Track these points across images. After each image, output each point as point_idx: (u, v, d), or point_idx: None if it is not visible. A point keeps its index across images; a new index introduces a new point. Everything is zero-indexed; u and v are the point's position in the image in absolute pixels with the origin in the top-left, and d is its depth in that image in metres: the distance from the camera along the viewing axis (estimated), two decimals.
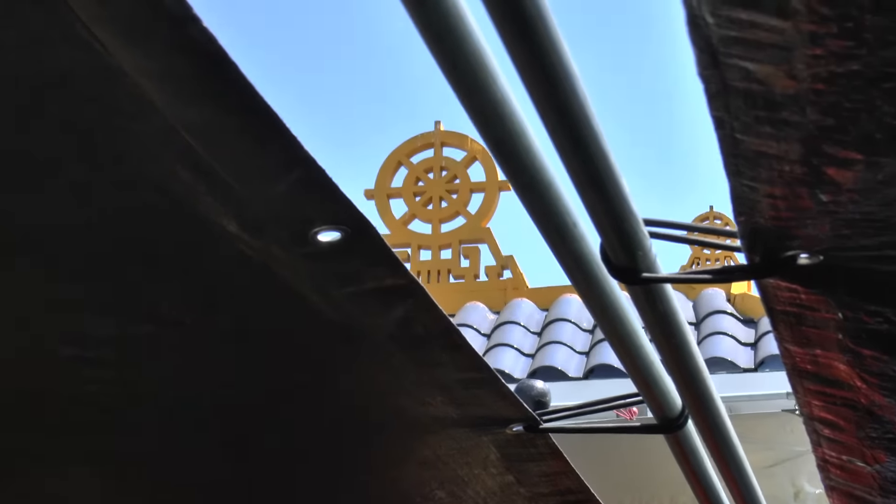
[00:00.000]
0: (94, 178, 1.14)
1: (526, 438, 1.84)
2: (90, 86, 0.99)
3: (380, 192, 8.42)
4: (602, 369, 6.60)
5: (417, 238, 8.29)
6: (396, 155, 8.53)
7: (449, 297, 7.80)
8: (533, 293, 7.91)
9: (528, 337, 7.27)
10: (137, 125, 1.03)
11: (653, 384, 1.59)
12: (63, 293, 1.36)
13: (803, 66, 0.81)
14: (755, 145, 0.93)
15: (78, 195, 1.17)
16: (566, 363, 6.76)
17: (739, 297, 7.41)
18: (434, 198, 8.37)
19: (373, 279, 1.29)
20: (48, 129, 1.06)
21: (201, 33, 0.89)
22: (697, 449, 1.84)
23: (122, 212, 1.20)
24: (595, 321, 1.38)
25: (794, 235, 1.09)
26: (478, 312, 7.67)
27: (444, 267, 8.18)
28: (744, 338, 6.91)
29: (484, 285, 8.04)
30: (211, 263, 1.30)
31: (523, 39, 0.88)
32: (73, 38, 0.91)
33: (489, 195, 8.29)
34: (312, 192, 1.12)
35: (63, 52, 0.94)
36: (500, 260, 8.14)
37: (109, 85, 0.97)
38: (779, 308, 1.29)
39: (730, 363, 6.49)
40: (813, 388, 1.52)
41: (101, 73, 0.96)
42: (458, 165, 8.39)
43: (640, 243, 1.17)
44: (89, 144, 1.08)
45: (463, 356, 1.51)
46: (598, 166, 1.03)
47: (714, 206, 13.07)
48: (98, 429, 1.77)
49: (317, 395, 1.70)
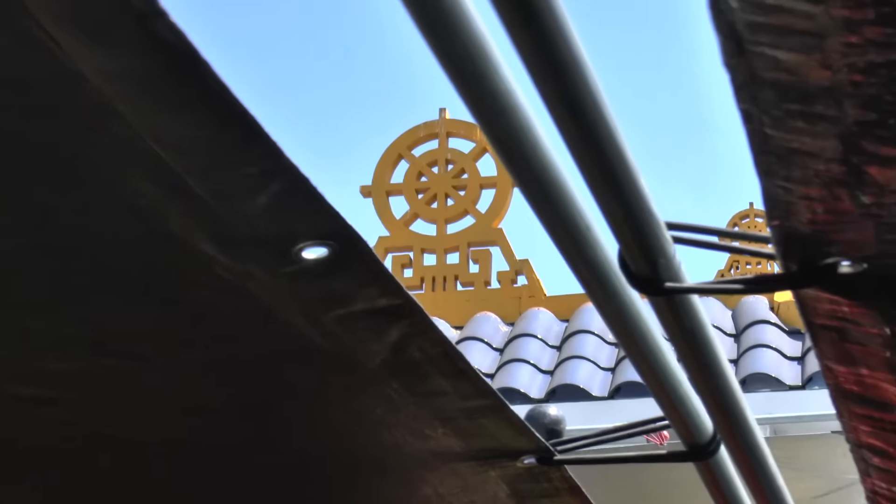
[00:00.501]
0: (50, 197, 1.13)
1: (539, 472, 1.84)
2: (46, 94, 0.98)
3: (378, 189, 8.43)
4: (630, 387, 6.59)
5: (420, 240, 8.30)
6: (396, 147, 8.53)
7: (456, 306, 7.81)
8: (551, 302, 7.91)
9: (545, 351, 7.27)
10: (99, 136, 1.03)
11: (680, 406, 1.60)
12: (16, 325, 1.37)
13: (838, 55, 0.82)
14: (787, 141, 0.94)
15: (33, 217, 1.16)
16: (589, 381, 6.76)
17: (784, 306, 7.40)
18: (439, 195, 8.38)
19: (364, 299, 1.29)
20: None
21: (170, 30, 0.89)
22: (731, 478, 1.84)
23: (83, 234, 1.20)
24: (614, 337, 1.38)
25: (834, 241, 1.10)
26: (489, 324, 7.68)
27: (450, 273, 8.19)
28: (790, 351, 6.91)
29: (496, 293, 8.05)
30: (184, 289, 1.30)
31: (528, 24, 0.88)
32: (25, 40, 0.90)
33: (501, 192, 8.29)
34: (296, 205, 1.12)
35: (14, 56, 0.93)
36: (513, 264, 8.15)
37: (67, 92, 0.97)
38: (819, 322, 1.30)
39: (774, 379, 6.49)
40: (859, 411, 1.53)
41: (58, 79, 0.95)
42: (465, 158, 8.40)
43: (662, 250, 1.17)
44: (45, 160, 1.07)
45: (466, 382, 1.52)
46: (613, 163, 1.04)
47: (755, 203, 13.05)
48: (58, 475, 1.78)
49: (303, 432, 1.71)
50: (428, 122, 8.52)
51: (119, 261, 1.24)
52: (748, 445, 1.69)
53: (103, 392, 1.53)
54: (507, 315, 7.83)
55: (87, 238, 1.20)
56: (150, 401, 1.56)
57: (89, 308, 1.34)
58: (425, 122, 8.53)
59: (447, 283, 8.16)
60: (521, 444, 1.76)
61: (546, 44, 0.90)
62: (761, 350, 6.81)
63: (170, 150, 1.04)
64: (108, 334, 1.40)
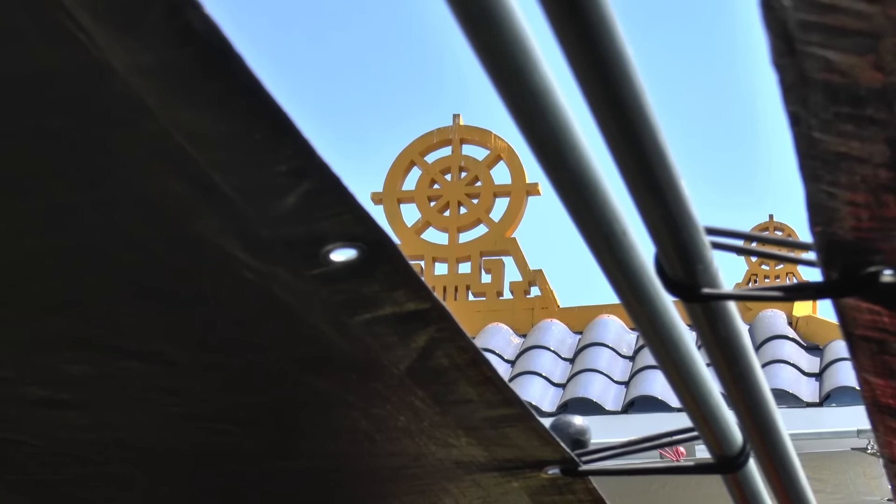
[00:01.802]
0: (74, 195, 1.12)
1: (562, 483, 1.83)
2: (73, 87, 0.97)
3: (389, 196, 8.43)
4: (644, 402, 6.60)
5: (432, 249, 8.30)
6: (409, 153, 8.54)
7: (468, 316, 7.81)
8: (564, 314, 7.91)
9: (558, 364, 7.27)
10: (126, 131, 1.02)
11: (710, 417, 1.59)
12: (33, 327, 1.37)
13: (892, 56, 0.82)
14: (835, 145, 0.94)
15: (55, 215, 1.16)
16: (602, 395, 6.76)
17: (803, 321, 7.40)
18: (451, 203, 8.38)
19: (392, 303, 1.28)
20: (21, 141, 1.05)
21: (202, 21, 0.88)
22: (759, 491, 1.84)
23: (105, 234, 1.19)
24: (644, 343, 1.38)
25: (878, 249, 1.09)
26: (501, 335, 7.68)
27: (462, 282, 8.19)
28: (807, 367, 6.90)
29: (508, 304, 8.05)
30: (206, 290, 1.29)
31: (573, 19, 0.88)
32: (55, 31, 0.89)
33: (515, 200, 8.29)
34: (325, 205, 1.11)
35: (42, 48, 0.92)
36: (526, 275, 8.14)
37: (95, 85, 0.95)
38: (858, 333, 1.29)
39: (791, 396, 6.48)
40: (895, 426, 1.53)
41: (87, 72, 0.94)
42: (479, 166, 8.40)
43: (700, 255, 1.17)
44: (70, 156, 1.07)
45: (493, 390, 1.51)
46: (655, 166, 1.03)
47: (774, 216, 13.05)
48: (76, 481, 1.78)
49: (324, 438, 1.71)
50: (441, 129, 8.53)
51: (141, 261, 1.24)
52: (779, 458, 1.68)
53: (121, 396, 1.53)
54: (520, 326, 7.83)
55: (109, 237, 1.19)
56: (169, 405, 1.56)
57: (109, 310, 1.33)
58: (439, 129, 8.53)
59: (458, 293, 8.16)
60: (546, 454, 1.75)
61: (591, 38, 0.89)
62: (779, 366, 6.81)
63: (198, 147, 1.03)
64: (128, 337, 1.39)
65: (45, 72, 0.95)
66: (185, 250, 1.21)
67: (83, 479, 1.79)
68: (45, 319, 1.35)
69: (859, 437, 5.62)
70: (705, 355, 1.43)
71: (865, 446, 5.55)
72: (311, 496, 1.93)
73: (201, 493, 1.91)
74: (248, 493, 1.91)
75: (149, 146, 1.03)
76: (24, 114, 1.01)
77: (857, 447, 5.68)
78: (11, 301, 1.31)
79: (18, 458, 1.71)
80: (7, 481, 1.80)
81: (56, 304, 1.32)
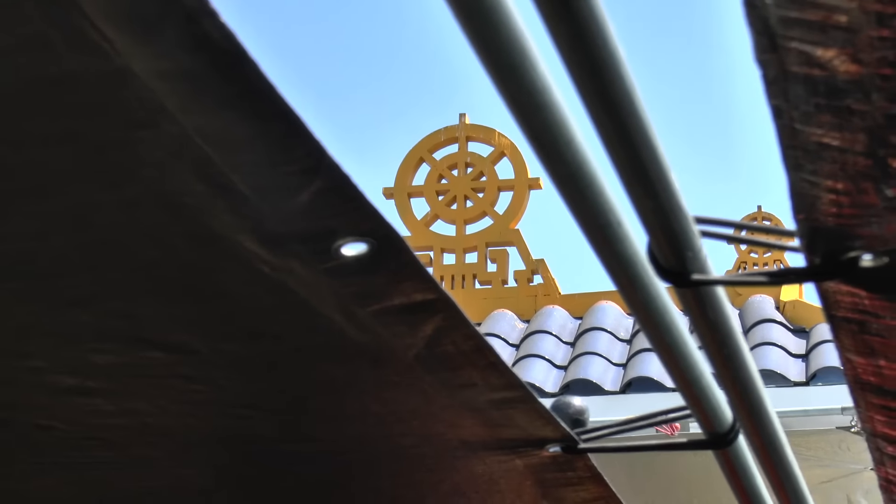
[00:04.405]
0: (98, 195, 1.12)
1: (563, 461, 1.83)
2: (97, 91, 0.96)
3: (400, 191, 8.43)
4: (641, 382, 6.59)
5: (440, 240, 8.30)
6: (418, 150, 8.54)
7: (475, 304, 7.81)
8: (565, 300, 7.91)
9: (560, 347, 7.27)
10: (147, 133, 1.01)
11: (702, 396, 1.58)
12: (62, 319, 1.36)
13: (869, 49, 0.81)
14: (816, 136, 0.93)
15: (80, 214, 1.15)
16: (602, 376, 6.75)
17: (790, 305, 7.39)
18: (458, 197, 8.37)
19: (400, 294, 1.28)
20: (49, 143, 1.04)
21: (218, 29, 0.88)
22: (749, 465, 1.83)
23: (127, 231, 1.18)
24: (640, 327, 1.38)
25: (858, 235, 1.08)
26: (506, 321, 7.67)
27: (469, 272, 8.19)
28: (794, 349, 6.89)
29: (512, 291, 8.04)
30: (225, 284, 1.28)
31: (567, 19, 0.87)
32: (79, 38, 0.89)
33: (518, 194, 8.28)
34: (336, 202, 1.10)
35: (68, 54, 0.92)
36: (529, 264, 8.14)
37: (118, 89, 0.95)
38: (840, 314, 1.28)
39: (779, 376, 6.48)
40: (876, 401, 1.52)
41: (110, 77, 0.93)
42: (484, 162, 8.40)
43: (690, 243, 1.16)
44: (94, 157, 1.06)
45: (496, 374, 1.50)
46: (646, 159, 1.03)
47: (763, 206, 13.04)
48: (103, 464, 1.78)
49: (339, 421, 1.70)
50: (448, 127, 8.53)
51: (162, 256, 1.23)
52: (767, 434, 1.68)
53: (145, 383, 1.52)
54: (523, 312, 7.83)
55: (132, 234, 1.19)
56: (191, 392, 1.56)
57: (132, 302, 1.33)
58: (446, 127, 8.54)
59: (466, 282, 8.16)
60: (547, 433, 1.74)
61: (584, 37, 0.89)
62: (767, 348, 6.80)
63: (215, 148, 1.03)
64: (151, 328, 1.39)
65: (70, 77, 0.95)
66: (204, 246, 1.20)
67: (110, 462, 1.79)
68: (72, 312, 1.35)
69: (843, 415, 5.61)
70: (697, 338, 1.42)
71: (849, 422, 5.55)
72: (326, 476, 1.92)
73: (222, 475, 1.91)
74: (266, 474, 1.90)
75: (168, 147, 1.03)
76: (50, 117, 1.01)
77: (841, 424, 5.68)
78: (41, 296, 1.31)
79: (51, 443, 1.70)
80: (41, 464, 1.79)
81: (82, 298, 1.31)
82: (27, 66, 0.94)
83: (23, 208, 1.14)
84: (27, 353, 1.44)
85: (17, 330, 1.38)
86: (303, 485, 1.96)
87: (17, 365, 1.47)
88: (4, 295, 1.30)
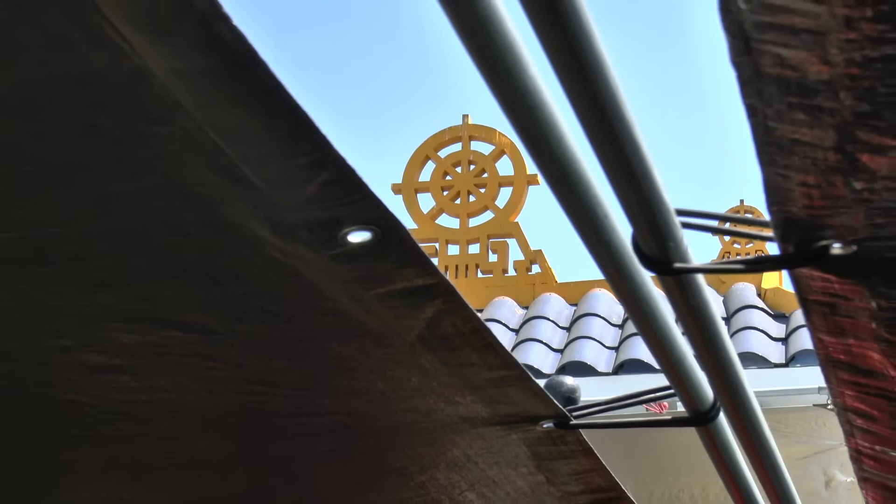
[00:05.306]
0: (118, 185, 1.12)
1: (556, 435, 1.83)
2: (116, 88, 0.97)
3: (407, 187, 8.43)
4: (632, 364, 6.58)
5: (445, 232, 8.29)
6: (424, 149, 8.53)
7: (477, 291, 7.80)
8: (562, 288, 7.90)
9: (556, 332, 7.26)
10: (164, 128, 1.01)
11: (684, 377, 1.58)
12: (87, 301, 1.36)
13: (837, 50, 0.80)
14: (788, 133, 0.93)
15: (102, 203, 1.15)
16: (596, 358, 6.74)
17: (770, 292, 7.38)
18: (462, 192, 8.36)
19: (403, 279, 1.28)
20: (73, 136, 1.05)
21: (230, 31, 0.88)
22: (729, 441, 1.83)
23: (147, 219, 1.19)
24: (627, 313, 1.37)
25: (828, 225, 1.08)
26: (506, 307, 7.67)
27: (472, 262, 8.18)
28: (775, 333, 6.88)
29: (512, 280, 8.04)
30: (239, 268, 1.29)
31: (555, 26, 0.87)
32: (99, 39, 0.89)
33: (517, 189, 8.28)
34: (342, 193, 1.10)
35: (89, 54, 0.92)
36: (528, 254, 8.13)
37: (136, 87, 0.95)
38: (812, 298, 1.28)
39: (761, 358, 6.47)
40: (846, 378, 1.52)
41: (128, 75, 0.94)
42: (486, 159, 8.39)
43: (671, 234, 1.16)
44: (114, 150, 1.06)
45: (493, 354, 1.50)
46: (631, 156, 1.02)
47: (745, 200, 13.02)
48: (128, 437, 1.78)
49: (347, 398, 1.70)
50: (452, 127, 8.52)
51: (180, 243, 1.23)
52: (745, 412, 1.68)
53: (166, 361, 1.52)
54: (523, 300, 7.82)
55: (151, 222, 1.19)
56: (209, 369, 1.56)
57: (152, 285, 1.33)
58: (450, 127, 8.53)
59: (469, 271, 8.15)
60: (541, 410, 1.74)
61: (571, 43, 0.88)
62: (749, 332, 6.79)
63: (228, 142, 1.03)
64: (170, 309, 1.39)
65: (91, 75, 0.95)
66: (219, 233, 1.20)
67: (135, 435, 1.79)
68: (97, 295, 1.35)
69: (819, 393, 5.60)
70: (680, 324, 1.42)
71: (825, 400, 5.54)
72: (335, 448, 1.92)
73: (238, 447, 1.91)
74: (280, 447, 1.90)
75: (184, 141, 1.03)
76: (73, 112, 1.01)
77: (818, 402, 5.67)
78: (69, 279, 1.31)
79: (79, 417, 1.71)
80: (70, 437, 1.80)
81: (106, 281, 1.32)
82: (54, 65, 0.94)
83: (49, 197, 1.14)
84: (57, 333, 1.44)
85: (48, 311, 1.38)
86: (314, 456, 1.96)
87: (49, 344, 1.47)
88: (35, 278, 1.30)
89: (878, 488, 1.97)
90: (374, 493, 2.14)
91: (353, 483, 2.10)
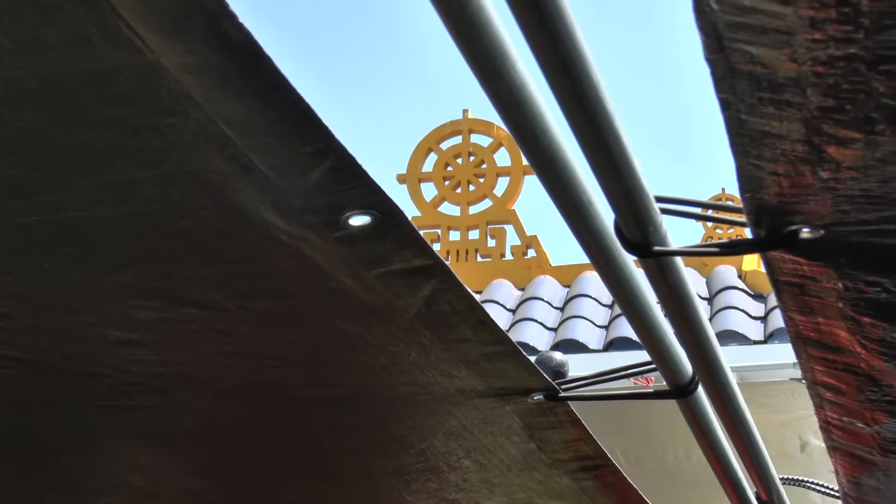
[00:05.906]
0: (135, 172, 1.13)
1: (546, 407, 1.83)
2: (132, 82, 0.97)
3: (411, 177, 8.42)
4: (621, 342, 6.58)
5: (447, 219, 8.29)
6: (427, 142, 8.52)
7: (476, 275, 7.80)
8: (555, 271, 7.90)
9: (551, 312, 7.26)
10: (177, 119, 1.02)
11: (665, 353, 1.59)
12: (107, 279, 1.37)
13: (804, 49, 0.80)
14: (759, 125, 0.93)
15: (121, 189, 1.16)
16: (587, 336, 6.75)
17: (750, 274, 7.38)
18: (462, 182, 8.36)
19: (401, 260, 1.28)
20: (93, 127, 1.05)
21: (237, 29, 0.88)
22: (707, 413, 1.83)
23: (162, 204, 1.19)
24: (611, 294, 1.37)
25: (797, 211, 1.08)
26: (504, 289, 7.67)
27: (471, 247, 8.18)
28: (754, 312, 6.88)
29: (509, 264, 8.03)
30: (248, 250, 1.29)
31: (540, 26, 0.87)
32: (115, 36, 0.90)
33: (514, 179, 8.28)
34: (344, 180, 1.11)
35: (106, 51, 0.93)
36: (524, 240, 8.13)
37: (150, 81, 0.96)
38: (783, 279, 1.28)
39: (741, 336, 6.46)
40: (816, 354, 1.52)
41: (143, 70, 0.94)
42: (484, 151, 8.38)
43: (651, 219, 1.16)
44: (132, 140, 1.07)
45: (486, 331, 1.51)
46: (612, 146, 1.03)
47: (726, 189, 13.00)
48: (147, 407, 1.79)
49: (350, 371, 1.71)
50: (453, 121, 8.51)
51: (194, 226, 1.24)
52: (721, 385, 1.68)
53: (182, 336, 1.53)
54: (519, 282, 7.82)
55: (166, 206, 1.20)
56: (222, 344, 1.56)
57: (169, 265, 1.34)
58: (451, 121, 8.52)
59: (469, 256, 8.15)
60: (532, 383, 1.75)
61: (555, 42, 0.89)
62: (730, 311, 6.78)
63: (237, 132, 1.04)
64: (187, 288, 1.39)
65: (108, 70, 0.96)
66: (230, 217, 1.20)
67: (153, 405, 1.79)
68: (117, 274, 1.35)
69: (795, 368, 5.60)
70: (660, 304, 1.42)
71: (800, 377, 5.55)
72: (341, 418, 1.93)
73: (251, 417, 1.91)
74: (289, 416, 1.90)
75: (196, 132, 1.04)
76: (92, 105, 1.02)
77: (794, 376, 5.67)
78: (91, 258, 1.31)
79: (101, 388, 1.71)
80: (94, 406, 1.80)
81: (126, 261, 1.32)
82: (75, 61, 0.95)
83: (73, 183, 1.15)
84: (80, 309, 1.45)
85: (72, 288, 1.39)
86: (321, 426, 1.96)
87: (72, 320, 1.47)
88: (59, 258, 1.31)
89: (846, 456, 1.98)
90: (378, 459, 2.14)
91: (357, 450, 2.10)
